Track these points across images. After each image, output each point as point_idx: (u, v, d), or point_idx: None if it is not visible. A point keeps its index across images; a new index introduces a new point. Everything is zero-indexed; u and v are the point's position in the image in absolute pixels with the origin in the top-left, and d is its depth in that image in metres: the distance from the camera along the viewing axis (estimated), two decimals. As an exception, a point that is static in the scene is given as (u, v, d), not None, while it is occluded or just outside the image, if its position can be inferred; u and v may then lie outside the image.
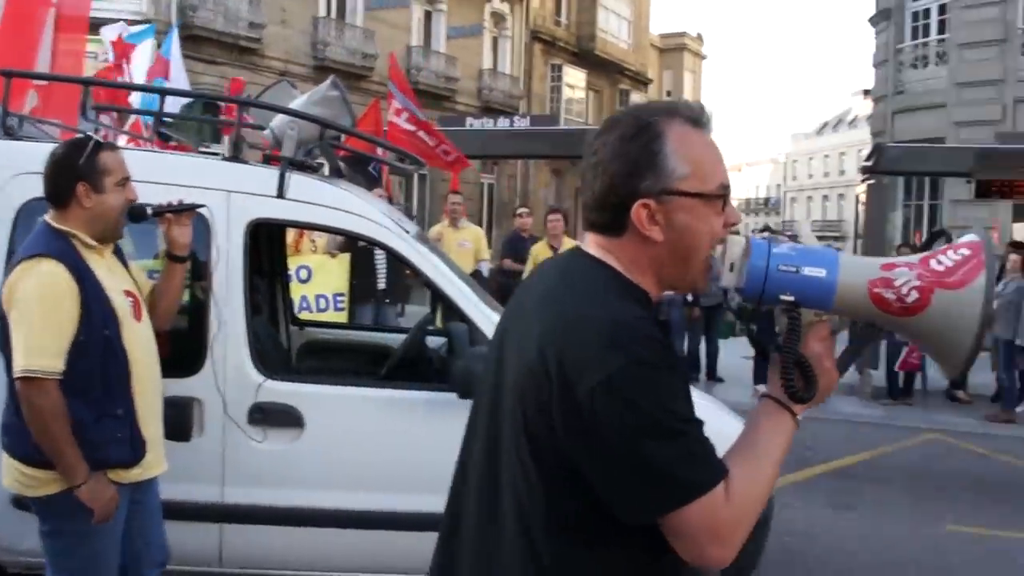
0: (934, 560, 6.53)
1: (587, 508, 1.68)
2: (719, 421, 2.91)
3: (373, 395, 4.37)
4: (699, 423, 1.67)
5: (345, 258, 10.09)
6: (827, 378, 1.81)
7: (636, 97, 43.78)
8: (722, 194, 1.78)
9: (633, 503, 1.64)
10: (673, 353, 1.69)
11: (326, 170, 5.00)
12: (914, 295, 1.75)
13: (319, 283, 9.81)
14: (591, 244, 1.84)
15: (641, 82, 45.75)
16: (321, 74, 21.85)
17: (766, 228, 17.76)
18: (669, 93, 53.79)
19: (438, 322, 7.17)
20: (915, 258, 1.81)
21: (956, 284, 1.74)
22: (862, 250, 14.15)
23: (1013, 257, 12.44)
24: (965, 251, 1.79)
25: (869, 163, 14.03)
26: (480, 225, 21.51)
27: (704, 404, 5.18)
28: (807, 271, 1.77)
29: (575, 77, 38.29)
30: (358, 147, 6.59)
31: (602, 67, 41.12)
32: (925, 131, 22.36)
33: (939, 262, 1.78)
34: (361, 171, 10.90)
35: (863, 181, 14.38)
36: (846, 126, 78.26)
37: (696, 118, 1.80)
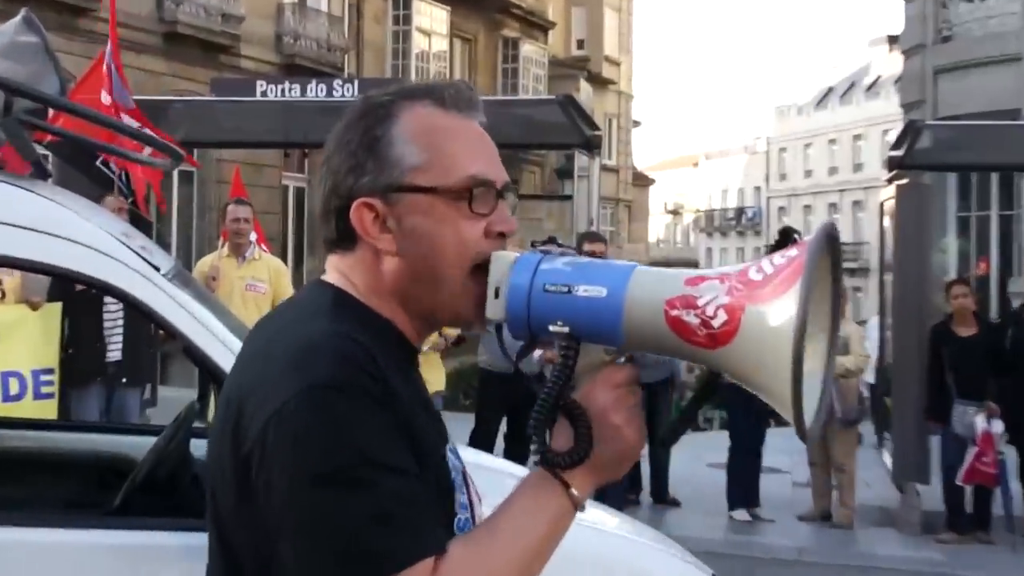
0: None
1: None
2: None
3: (98, 541, 4.27)
4: (404, 473, 1.88)
5: (55, 310, 9.98)
6: (616, 440, 1.97)
7: (528, 49, 44.19)
8: (468, 187, 2.05)
9: None
10: (381, 379, 1.91)
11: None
12: (722, 316, 1.86)
13: (8, 353, 9.68)
14: (328, 266, 2.16)
15: (537, 26, 46.30)
16: (15, 7, 21.57)
17: (550, 239, 18.37)
18: (581, 44, 54.34)
19: (210, 415, 7.08)
20: (736, 267, 1.94)
21: (766, 297, 1.85)
22: (892, 288, 14.33)
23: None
24: (794, 251, 1.90)
25: (899, 152, 14.32)
26: (283, 254, 21.43)
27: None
28: (582, 290, 1.93)
29: (432, 17, 38.57)
30: (76, 128, 6.52)
31: (474, 2, 41.52)
32: (988, 100, 22.95)
33: (759, 270, 1.89)
34: (84, 167, 10.77)
35: (891, 181, 14.68)
36: (862, 94, 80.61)
37: (445, 96, 2.10)
